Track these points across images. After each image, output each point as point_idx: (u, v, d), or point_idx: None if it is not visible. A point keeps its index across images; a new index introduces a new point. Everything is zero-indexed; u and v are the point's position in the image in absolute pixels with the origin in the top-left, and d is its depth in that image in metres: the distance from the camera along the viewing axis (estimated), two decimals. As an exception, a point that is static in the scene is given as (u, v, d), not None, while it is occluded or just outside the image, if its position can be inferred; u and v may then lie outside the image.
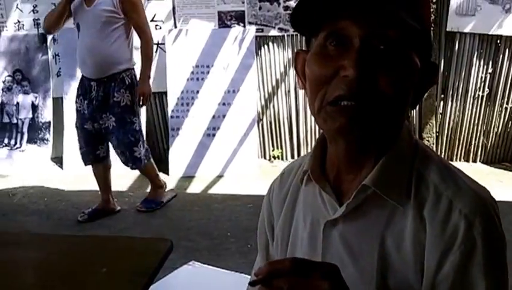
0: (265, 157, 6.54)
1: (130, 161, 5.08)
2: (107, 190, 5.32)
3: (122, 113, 4.88)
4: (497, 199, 1.13)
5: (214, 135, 6.21)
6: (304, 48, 1.19)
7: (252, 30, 6.10)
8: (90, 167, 5.69)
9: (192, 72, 6.20)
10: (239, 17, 6.12)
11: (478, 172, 6.07)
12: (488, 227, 1.05)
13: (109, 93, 4.82)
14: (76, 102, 5.03)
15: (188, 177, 6.13)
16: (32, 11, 6.42)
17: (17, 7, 6.44)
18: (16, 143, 6.52)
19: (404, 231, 1.08)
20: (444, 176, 1.10)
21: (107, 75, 4.80)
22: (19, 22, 6.48)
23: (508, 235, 1.11)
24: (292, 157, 6.43)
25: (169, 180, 6.08)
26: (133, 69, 5.00)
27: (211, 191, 5.90)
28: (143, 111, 6.24)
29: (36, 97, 6.49)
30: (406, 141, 1.15)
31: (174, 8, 6.20)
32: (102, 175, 5.28)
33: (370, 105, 1.03)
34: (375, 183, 1.09)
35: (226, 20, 6.15)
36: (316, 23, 1.07)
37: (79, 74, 6.21)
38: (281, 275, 0.92)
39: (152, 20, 6.21)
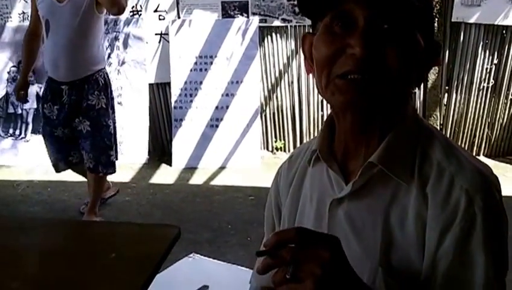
0: (268, 149, 6.53)
1: (104, 165, 4.68)
2: None
3: (98, 117, 4.53)
4: None
5: (217, 126, 6.21)
6: (310, 32, 1.23)
7: (255, 21, 6.07)
8: None
9: (196, 63, 6.19)
10: (242, 8, 6.09)
11: (482, 165, 6.04)
12: (488, 203, 1.06)
13: (82, 96, 4.48)
14: (44, 108, 4.65)
15: (190, 169, 6.14)
16: (37, 1, 6.41)
17: (21, -2, 6.45)
18: (20, 133, 6.55)
19: (407, 209, 1.10)
20: (448, 154, 1.12)
21: (81, 78, 4.46)
22: (23, 12, 6.47)
23: (510, 229, 1.11)
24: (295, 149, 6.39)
25: (172, 172, 6.12)
26: (105, 68, 4.70)
27: (213, 182, 5.91)
28: (146, 102, 6.28)
29: (40, 88, 6.45)
30: (411, 119, 1.17)
31: (177, -2, 6.19)
32: (85, 174, 4.93)
33: (377, 79, 1.06)
34: (381, 161, 1.12)
35: (229, 10, 6.13)
36: (321, 6, 1.11)
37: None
38: (286, 245, 0.95)
39: (156, 11, 6.23)
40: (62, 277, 1.86)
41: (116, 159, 4.81)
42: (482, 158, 6.18)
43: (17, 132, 6.55)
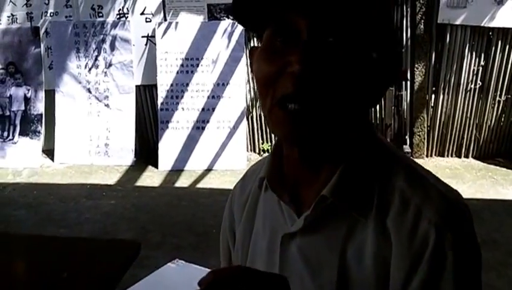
0: (254, 151, 6.53)
1: None
2: None
3: None
4: (489, 197, 1.02)
5: (203, 128, 6.21)
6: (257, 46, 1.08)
7: (241, 23, 6.05)
8: (81, 159, 5.52)
9: (182, 65, 6.21)
10: (228, 10, 6.07)
11: (470, 168, 6.03)
12: (460, 238, 0.96)
13: None
14: None
15: (176, 171, 6.15)
16: (25, 4, 6.46)
17: (10, 1, 6.47)
18: (8, 135, 6.58)
19: (365, 245, 1.00)
20: (412, 180, 1.00)
21: None
22: (12, 15, 6.52)
23: (498, 235, 1.03)
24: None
25: (158, 174, 6.13)
26: None
27: (199, 185, 5.91)
28: (133, 104, 6.28)
29: (29, 90, 6.53)
30: (369, 144, 1.05)
31: (164, 1, 6.19)
32: None
33: (317, 106, 0.93)
34: (334, 194, 1.00)
35: (215, 13, 6.12)
36: (259, 17, 0.99)
37: (71, 67, 6.31)
38: (225, 285, 0.86)
39: (142, 13, 6.24)
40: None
41: None
42: (470, 160, 6.20)
43: (5, 134, 6.59)
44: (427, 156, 6.28)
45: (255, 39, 6.15)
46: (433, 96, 6.11)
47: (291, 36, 0.94)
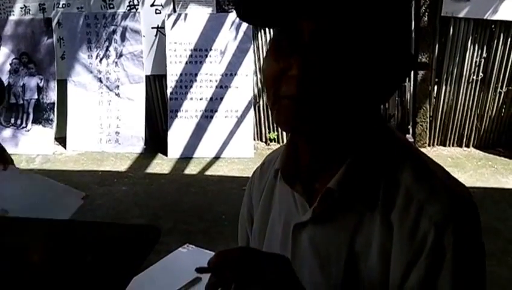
0: (261, 140, 6.68)
1: None
2: None
3: None
4: (489, 185, 1.00)
5: (211, 117, 6.36)
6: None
7: (249, 15, 6.17)
8: (93, 146, 5.64)
9: (191, 56, 6.34)
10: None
11: (471, 157, 6.17)
12: (461, 236, 0.94)
13: None
14: None
15: (185, 159, 6.30)
16: (38, -5, 6.59)
17: (23, -8, 6.60)
18: (21, 123, 6.75)
19: (372, 238, 0.99)
20: (419, 176, 0.99)
21: None
22: (25, 6, 6.66)
23: (499, 223, 1.01)
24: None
25: (168, 162, 6.28)
26: None
27: (208, 172, 6.06)
28: (143, 93, 6.44)
29: (41, 79, 6.68)
30: (379, 138, 1.04)
31: (173, -8, 6.31)
32: None
33: (317, 101, 0.93)
34: (341, 187, 1.01)
35: (223, 5, 6.25)
36: (264, 22, 0.99)
37: (83, 57, 6.45)
38: (230, 265, 0.91)
39: (152, 5, 6.36)
40: (34, 279, 1.79)
41: None
42: (471, 150, 6.35)
43: (19, 122, 6.76)
44: (429, 145, 6.42)
45: (263, 30, 6.28)
46: (435, 87, 6.24)
47: (296, 37, 0.93)
